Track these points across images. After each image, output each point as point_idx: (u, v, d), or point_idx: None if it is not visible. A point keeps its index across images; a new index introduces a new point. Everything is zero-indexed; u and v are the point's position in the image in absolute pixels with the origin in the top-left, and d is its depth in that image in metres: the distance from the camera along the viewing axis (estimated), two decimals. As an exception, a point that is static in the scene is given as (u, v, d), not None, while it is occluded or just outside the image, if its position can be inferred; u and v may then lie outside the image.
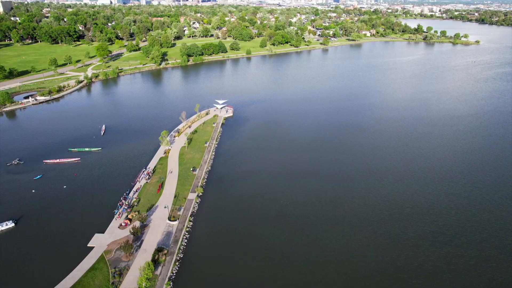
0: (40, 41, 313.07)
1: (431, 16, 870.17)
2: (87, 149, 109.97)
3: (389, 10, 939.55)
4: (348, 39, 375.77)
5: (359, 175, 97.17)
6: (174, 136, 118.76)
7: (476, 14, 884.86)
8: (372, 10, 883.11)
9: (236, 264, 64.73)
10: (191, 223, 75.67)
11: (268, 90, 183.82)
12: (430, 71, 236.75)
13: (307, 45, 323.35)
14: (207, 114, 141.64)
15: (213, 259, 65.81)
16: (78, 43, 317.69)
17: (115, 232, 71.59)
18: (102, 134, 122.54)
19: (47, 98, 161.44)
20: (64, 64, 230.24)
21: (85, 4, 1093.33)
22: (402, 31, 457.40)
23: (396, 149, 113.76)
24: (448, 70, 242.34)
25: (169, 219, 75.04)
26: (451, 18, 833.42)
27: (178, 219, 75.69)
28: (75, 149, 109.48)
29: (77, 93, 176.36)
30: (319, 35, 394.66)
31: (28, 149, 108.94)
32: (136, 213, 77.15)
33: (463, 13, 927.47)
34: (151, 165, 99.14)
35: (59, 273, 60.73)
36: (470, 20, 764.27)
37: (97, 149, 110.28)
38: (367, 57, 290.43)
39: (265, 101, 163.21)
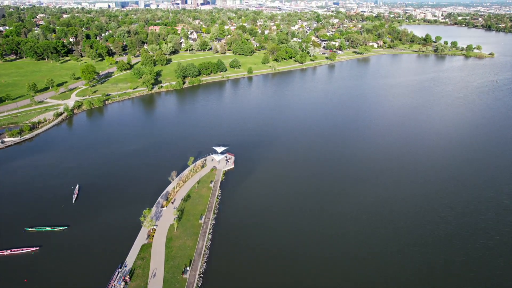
0: (25, 57, 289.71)
1: (435, 21, 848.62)
2: (48, 228, 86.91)
3: (392, 15, 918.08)
4: (355, 52, 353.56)
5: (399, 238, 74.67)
6: (162, 206, 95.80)
7: (481, 19, 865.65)
8: (374, 15, 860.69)
9: None
10: None
11: (274, 124, 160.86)
12: (454, 96, 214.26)
13: (313, 60, 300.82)
14: (203, 166, 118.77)
15: None
16: (66, 58, 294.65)
17: None
18: (74, 199, 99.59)
19: (17, 139, 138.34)
20: (46, 89, 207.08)
21: (82, 8, 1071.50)
22: (410, 41, 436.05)
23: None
24: (472, 93, 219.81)
25: None
26: (455, 23, 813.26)
27: None
28: (33, 229, 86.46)
29: (54, 130, 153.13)
30: (324, 47, 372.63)
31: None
32: None
33: (467, 17, 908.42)
34: (129, 261, 76.12)
35: None
36: (476, 26, 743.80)
37: (61, 228, 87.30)
38: (379, 75, 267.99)
39: (272, 142, 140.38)
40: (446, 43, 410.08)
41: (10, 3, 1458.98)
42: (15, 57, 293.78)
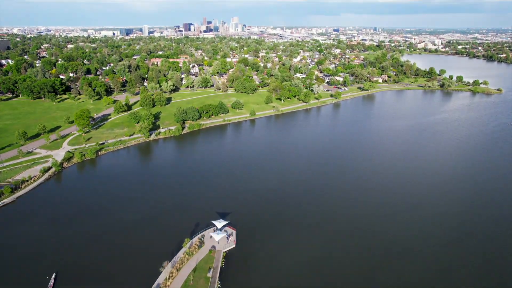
0: (22, 95, 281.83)
1: (436, 51, 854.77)
2: None
3: (392, 44, 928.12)
4: (360, 88, 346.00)
5: None
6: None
7: (480, 48, 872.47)
8: (375, 44, 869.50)
9: None
10: None
11: (281, 183, 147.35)
12: (471, 144, 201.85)
13: (317, 98, 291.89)
14: (200, 245, 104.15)
15: None
16: (64, 96, 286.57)
17: None
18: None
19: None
20: (37, 135, 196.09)
21: (88, 37, 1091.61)
22: (415, 75, 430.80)
23: None
24: (489, 139, 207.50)
25: None
26: (456, 53, 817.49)
27: None
28: None
29: (39, 190, 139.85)
30: (327, 82, 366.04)
31: None
32: None
33: (467, 46, 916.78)
34: None
35: None
36: (477, 57, 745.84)
37: None
38: (387, 117, 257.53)
39: (279, 209, 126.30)
40: (451, 77, 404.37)
41: (19, 31, 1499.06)
42: (11, 95, 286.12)
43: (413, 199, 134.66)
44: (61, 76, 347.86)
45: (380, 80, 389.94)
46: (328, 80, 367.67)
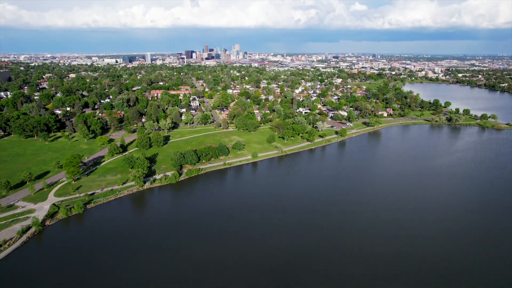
0: (14, 133, 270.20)
1: (437, 79, 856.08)
2: None
3: (393, 72, 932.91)
4: (365, 123, 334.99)
5: None
6: None
7: (481, 77, 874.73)
8: (376, 73, 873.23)
9: None
10: None
11: (288, 250, 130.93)
12: (493, 191, 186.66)
13: (321, 136, 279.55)
14: None
15: None
16: (58, 134, 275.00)
17: None
18: None
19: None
20: (22, 183, 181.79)
21: (91, 65, 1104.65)
22: (420, 107, 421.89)
23: None
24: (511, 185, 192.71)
25: None
26: (457, 82, 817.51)
27: None
28: None
29: (12, 259, 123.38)
30: (331, 117, 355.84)
31: None
32: None
33: (467, 74, 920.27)
34: None
35: None
36: (479, 86, 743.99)
37: None
38: (396, 158, 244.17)
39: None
40: (457, 110, 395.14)
41: (25, 59, 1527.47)
42: (3, 133, 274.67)
43: (444, 273, 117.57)
44: (57, 111, 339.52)
45: (385, 114, 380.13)
46: (332, 115, 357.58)
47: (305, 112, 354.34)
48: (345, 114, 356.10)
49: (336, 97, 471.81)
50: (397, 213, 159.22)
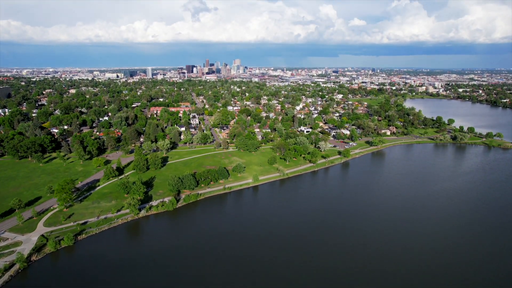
0: (7, 154, 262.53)
1: (437, 94, 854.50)
2: None
3: (394, 88, 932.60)
4: (368, 143, 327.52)
5: None
6: None
7: (481, 91, 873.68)
8: (377, 88, 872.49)
9: None
10: None
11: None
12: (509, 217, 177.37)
13: (324, 157, 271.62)
14: None
15: None
16: (53, 155, 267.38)
17: None
18: None
19: None
20: (11, 211, 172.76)
21: (92, 80, 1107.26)
22: (423, 125, 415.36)
23: None
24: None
25: None
26: (458, 97, 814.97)
27: None
28: None
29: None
30: (333, 136, 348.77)
31: None
32: None
33: (467, 89, 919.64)
34: None
35: None
36: (480, 101, 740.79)
37: None
38: (403, 181, 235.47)
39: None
40: (461, 128, 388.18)
41: (28, 73, 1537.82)
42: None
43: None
44: (54, 130, 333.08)
45: (388, 133, 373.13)
46: (334, 134, 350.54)
47: (307, 131, 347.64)
48: (348, 132, 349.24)
49: (337, 114, 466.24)
50: (405, 236, 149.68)
